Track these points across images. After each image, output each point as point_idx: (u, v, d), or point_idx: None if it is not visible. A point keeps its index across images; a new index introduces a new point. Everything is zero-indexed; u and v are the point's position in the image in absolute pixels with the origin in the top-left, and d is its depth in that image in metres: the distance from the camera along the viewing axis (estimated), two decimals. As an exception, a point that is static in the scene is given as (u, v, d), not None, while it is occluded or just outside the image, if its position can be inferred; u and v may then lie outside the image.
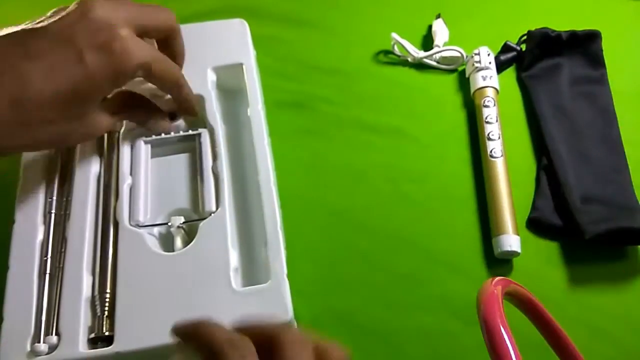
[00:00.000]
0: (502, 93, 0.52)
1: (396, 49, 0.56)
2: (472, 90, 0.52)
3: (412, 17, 0.59)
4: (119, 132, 0.44)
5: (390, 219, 0.47)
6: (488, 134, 0.49)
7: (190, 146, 0.44)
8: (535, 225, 0.46)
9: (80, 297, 0.36)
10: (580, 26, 0.55)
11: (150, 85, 0.41)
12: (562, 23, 0.56)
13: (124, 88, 0.40)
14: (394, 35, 0.55)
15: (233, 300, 0.36)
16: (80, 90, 0.34)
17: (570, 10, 0.60)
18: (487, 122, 0.49)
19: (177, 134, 0.43)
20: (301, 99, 0.53)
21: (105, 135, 0.44)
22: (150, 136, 0.43)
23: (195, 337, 0.25)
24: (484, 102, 0.51)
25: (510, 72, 0.56)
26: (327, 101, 0.53)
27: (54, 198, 0.40)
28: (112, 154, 0.43)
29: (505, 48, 0.56)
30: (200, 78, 0.46)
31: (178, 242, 0.39)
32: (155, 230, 0.40)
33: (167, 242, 0.41)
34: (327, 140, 0.51)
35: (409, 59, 0.56)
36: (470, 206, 0.47)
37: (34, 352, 0.34)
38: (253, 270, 0.40)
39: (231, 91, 0.48)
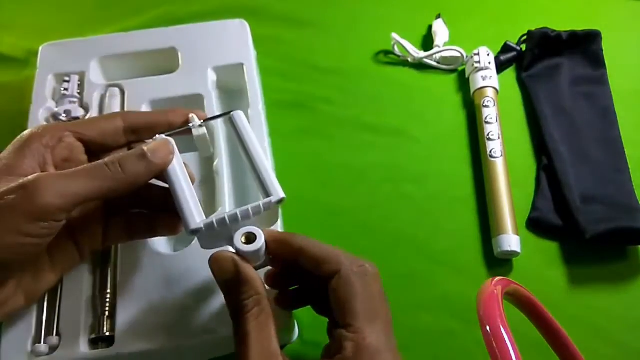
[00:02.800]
0: (502, 93, 0.52)
1: (396, 49, 0.56)
2: (472, 90, 0.53)
3: (412, 17, 0.59)
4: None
5: (390, 219, 0.47)
6: (488, 134, 0.49)
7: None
8: (535, 225, 0.46)
9: (81, 297, 0.36)
10: (580, 26, 0.55)
11: None
12: (562, 23, 0.56)
13: None
14: (394, 35, 0.55)
15: (233, 300, 0.36)
16: None
17: (570, 10, 0.60)
18: (487, 122, 0.49)
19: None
20: (301, 99, 0.53)
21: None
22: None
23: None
24: (483, 102, 0.51)
25: (510, 72, 0.56)
26: (327, 101, 0.53)
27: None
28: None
29: (505, 48, 0.56)
30: (200, 78, 0.46)
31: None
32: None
33: (167, 243, 0.41)
34: (327, 140, 0.51)
35: (409, 59, 0.56)
36: (470, 206, 0.47)
37: (34, 353, 0.34)
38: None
39: (231, 91, 0.48)
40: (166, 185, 0.33)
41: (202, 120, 0.37)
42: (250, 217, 0.31)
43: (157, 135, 0.34)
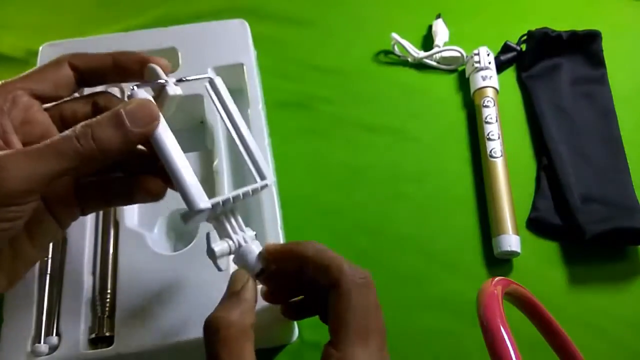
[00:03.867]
0: (502, 93, 0.52)
1: (396, 49, 0.56)
2: (472, 90, 0.53)
3: (412, 17, 0.59)
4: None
5: (390, 218, 0.47)
6: (488, 134, 0.49)
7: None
8: (535, 225, 0.46)
9: (81, 297, 0.36)
10: (580, 26, 0.55)
11: None
12: (562, 23, 0.56)
13: None
14: (394, 35, 0.55)
15: (233, 300, 0.36)
16: None
17: (570, 10, 0.60)
18: (487, 122, 0.49)
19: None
20: (301, 99, 0.53)
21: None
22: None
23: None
24: (483, 102, 0.51)
25: (510, 72, 0.56)
26: (327, 101, 0.53)
27: (55, 198, 0.40)
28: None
29: (505, 48, 0.56)
30: (200, 78, 0.46)
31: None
32: (156, 230, 0.40)
33: (167, 243, 0.41)
34: (327, 140, 0.51)
35: (409, 59, 0.56)
36: (470, 206, 0.47)
37: (34, 353, 0.34)
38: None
39: (231, 91, 0.47)
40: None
41: (175, 80, 0.32)
42: (249, 197, 0.31)
43: (135, 89, 0.29)
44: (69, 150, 0.26)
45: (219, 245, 0.30)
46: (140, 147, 0.32)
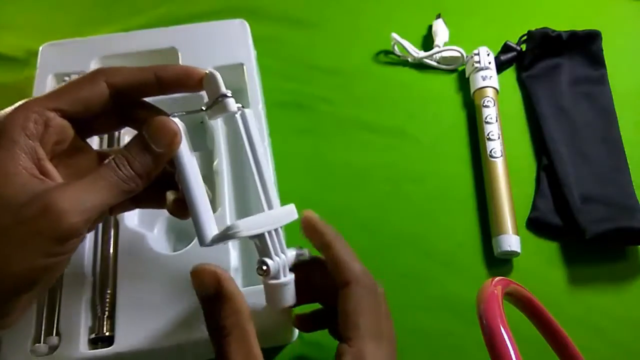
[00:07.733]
0: (502, 93, 0.52)
1: (396, 49, 0.56)
2: (472, 90, 0.53)
3: (412, 17, 0.59)
4: (119, 132, 0.44)
5: (390, 218, 0.47)
6: (488, 134, 0.49)
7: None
8: (535, 225, 0.46)
9: (81, 297, 0.36)
10: (580, 26, 0.55)
11: None
12: (562, 23, 0.56)
13: None
14: (394, 35, 0.55)
15: (233, 300, 0.36)
16: None
17: (570, 10, 0.60)
18: (487, 122, 0.49)
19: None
20: (301, 99, 0.53)
21: (106, 135, 0.44)
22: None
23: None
24: (483, 102, 0.51)
25: (510, 72, 0.56)
26: (327, 101, 0.53)
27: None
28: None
29: (505, 48, 0.56)
30: (200, 78, 0.46)
31: None
32: (156, 230, 0.40)
33: (167, 243, 0.41)
34: (327, 141, 0.51)
35: (409, 59, 0.56)
36: (470, 206, 0.47)
37: (34, 353, 0.34)
38: (253, 270, 0.40)
39: (232, 91, 0.48)
40: None
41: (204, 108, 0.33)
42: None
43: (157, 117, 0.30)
44: (114, 179, 0.28)
45: (273, 265, 0.30)
46: None
